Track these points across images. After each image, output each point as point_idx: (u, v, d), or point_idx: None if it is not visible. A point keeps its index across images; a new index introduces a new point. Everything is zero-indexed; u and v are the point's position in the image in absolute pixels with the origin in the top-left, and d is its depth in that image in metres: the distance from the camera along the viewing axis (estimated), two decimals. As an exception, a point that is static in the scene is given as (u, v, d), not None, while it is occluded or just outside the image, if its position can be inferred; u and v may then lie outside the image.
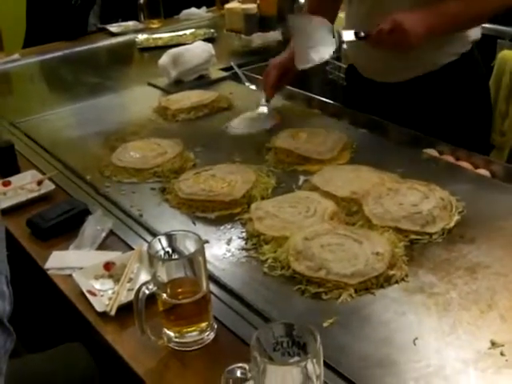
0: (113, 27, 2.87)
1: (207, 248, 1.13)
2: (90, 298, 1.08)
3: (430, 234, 1.18)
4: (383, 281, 1.06)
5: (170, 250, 0.98)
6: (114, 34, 2.83)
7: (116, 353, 1.00)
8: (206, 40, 2.40)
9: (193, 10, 3.09)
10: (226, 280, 1.11)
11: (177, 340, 0.98)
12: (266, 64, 1.84)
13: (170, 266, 0.96)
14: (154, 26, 2.89)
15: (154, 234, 1.21)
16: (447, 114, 1.66)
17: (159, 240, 0.98)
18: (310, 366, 0.75)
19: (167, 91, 2.02)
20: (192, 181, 1.39)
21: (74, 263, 1.18)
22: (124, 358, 0.98)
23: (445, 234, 1.18)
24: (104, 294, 1.10)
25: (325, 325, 0.99)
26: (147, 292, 0.94)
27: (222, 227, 1.27)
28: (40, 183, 1.47)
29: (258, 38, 2.48)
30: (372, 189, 1.29)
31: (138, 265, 1.16)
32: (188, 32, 2.71)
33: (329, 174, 1.39)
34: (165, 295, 0.96)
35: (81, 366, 1.24)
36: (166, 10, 2.93)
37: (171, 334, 0.98)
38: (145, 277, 1.11)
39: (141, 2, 2.89)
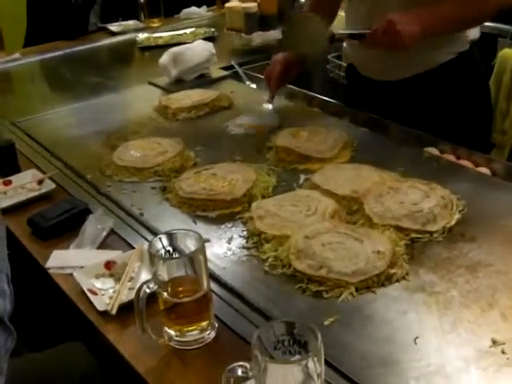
0: (113, 26, 2.88)
1: (208, 247, 1.13)
2: (90, 297, 1.08)
3: (431, 233, 1.18)
4: (384, 279, 1.06)
5: (170, 248, 0.98)
6: (114, 33, 2.83)
7: (117, 352, 1.00)
8: (206, 39, 2.40)
9: (193, 8, 3.09)
10: (226, 279, 1.11)
11: (178, 339, 0.98)
12: (267, 63, 1.85)
13: (171, 264, 0.96)
14: (155, 25, 2.89)
15: (155, 233, 1.21)
16: (447, 113, 1.66)
17: (160, 239, 0.98)
18: (310, 365, 0.75)
19: (168, 90, 2.02)
20: (193, 180, 1.39)
21: (75, 262, 1.18)
22: (125, 356, 0.98)
23: (445, 233, 1.18)
24: (105, 293, 1.10)
25: (326, 323, 0.99)
26: (148, 291, 0.94)
27: (222, 226, 1.27)
28: (41, 182, 1.47)
29: (259, 37, 2.48)
30: (373, 187, 1.29)
31: (139, 264, 1.16)
32: (188, 31, 2.71)
33: (329, 172, 1.39)
34: (165, 294, 0.96)
35: (82, 365, 1.23)
36: (166, 9, 2.93)
37: (172, 332, 0.98)
38: (145, 276, 1.11)
39: (141, 1, 2.89)
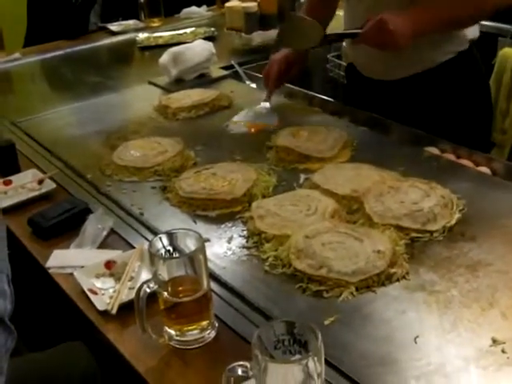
0: (113, 26, 2.87)
1: (208, 246, 1.13)
2: (91, 296, 1.08)
3: (431, 232, 1.18)
4: (384, 279, 1.06)
5: (170, 248, 0.98)
6: (114, 33, 2.83)
7: (117, 351, 1.00)
8: (206, 38, 2.40)
9: (193, 8, 3.09)
10: (226, 278, 1.11)
11: (178, 338, 0.99)
12: (267, 62, 1.84)
13: (171, 264, 0.96)
14: (155, 24, 2.89)
15: (155, 233, 1.21)
16: (447, 112, 1.66)
17: (160, 238, 0.98)
18: (311, 364, 0.75)
19: (168, 90, 2.02)
20: (193, 179, 1.39)
21: (75, 262, 1.18)
22: (125, 356, 0.98)
23: (446, 232, 1.18)
24: (105, 293, 1.10)
25: (326, 323, 0.99)
26: (148, 290, 0.94)
27: (222, 225, 1.27)
28: (41, 182, 1.47)
29: (259, 37, 2.48)
30: (373, 187, 1.29)
31: (139, 263, 1.16)
32: (188, 31, 2.71)
33: (329, 172, 1.39)
34: (166, 293, 0.96)
35: (82, 364, 1.23)
36: (166, 9, 2.93)
37: (172, 332, 0.98)
38: (146, 275, 1.11)
39: (141, 0, 2.89)
